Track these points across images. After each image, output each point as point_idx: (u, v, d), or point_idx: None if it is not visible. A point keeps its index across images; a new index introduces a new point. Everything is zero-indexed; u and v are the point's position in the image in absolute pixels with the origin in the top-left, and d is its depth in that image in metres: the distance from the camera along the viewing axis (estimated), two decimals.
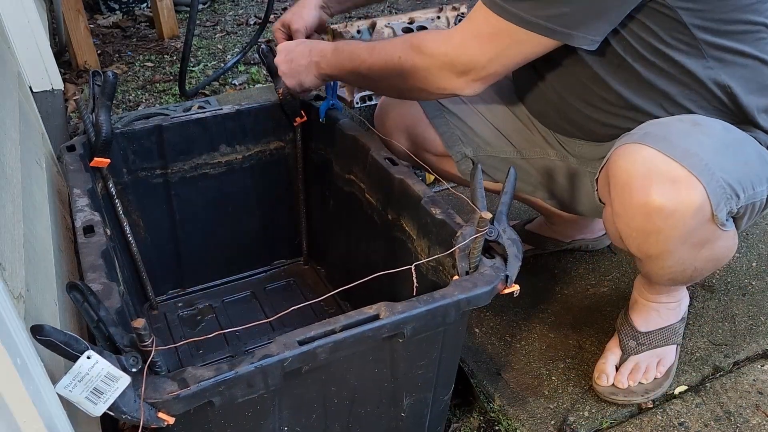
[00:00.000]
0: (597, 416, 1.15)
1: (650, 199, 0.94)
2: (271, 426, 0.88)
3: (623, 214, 1.00)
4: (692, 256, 1.03)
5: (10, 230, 0.87)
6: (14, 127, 1.17)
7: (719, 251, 1.06)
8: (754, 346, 1.27)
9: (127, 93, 2.50)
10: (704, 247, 1.02)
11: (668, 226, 0.95)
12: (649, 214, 0.95)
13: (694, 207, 0.93)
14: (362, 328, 0.82)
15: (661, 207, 0.94)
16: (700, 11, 0.95)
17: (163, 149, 1.31)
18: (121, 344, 0.74)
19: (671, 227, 0.95)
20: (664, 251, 1.01)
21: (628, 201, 0.97)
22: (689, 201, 0.93)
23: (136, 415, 0.71)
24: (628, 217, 0.99)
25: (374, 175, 1.21)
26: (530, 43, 0.98)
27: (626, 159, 0.97)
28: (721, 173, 0.94)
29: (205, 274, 1.47)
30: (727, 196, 0.95)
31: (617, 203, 1.00)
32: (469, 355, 1.28)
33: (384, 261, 1.11)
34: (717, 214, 0.95)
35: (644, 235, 0.99)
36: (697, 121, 1.01)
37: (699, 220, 0.95)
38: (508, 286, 0.92)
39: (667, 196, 0.93)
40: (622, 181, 0.97)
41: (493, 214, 0.93)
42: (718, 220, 0.96)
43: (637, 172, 0.95)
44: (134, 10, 3.37)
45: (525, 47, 0.99)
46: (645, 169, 0.94)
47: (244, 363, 0.76)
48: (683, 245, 0.99)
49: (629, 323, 1.21)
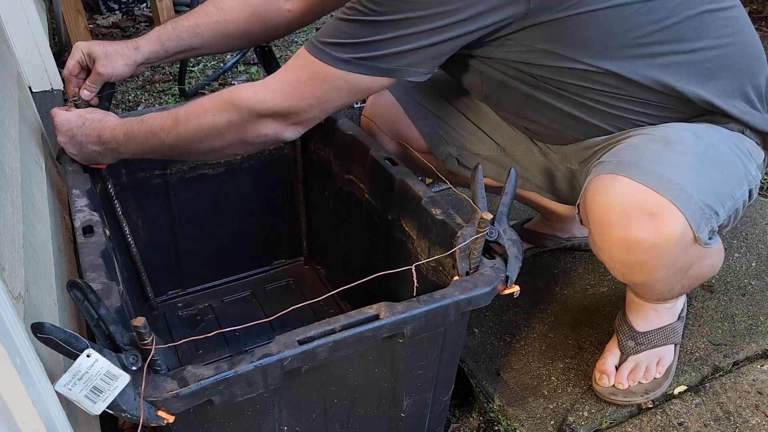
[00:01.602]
0: (596, 416, 1.15)
1: (629, 234, 0.93)
2: (270, 425, 0.88)
3: (604, 248, 0.99)
4: (679, 277, 1.04)
5: (10, 230, 0.87)
6: (14, 127, 1.17)
7: (706, 268, 1.07)
8: (754, 346, 1.27)
9: (127, 93, 2.50)
10: (691, 267, 1.02)
11: (651, 257, 0.95)
12: (630, 247, 0.94)
13: (675, 237, 0.92)
14: (362, 328, 0.82)
15: (641, 241, 0.93)
16: None
17: None
18: (121, 342, 0.74)
19: (654, 258, 0.95)
20: (649, 279, 1.01)
21: (607, 236, 0.97)
22: (669, 231, 0.92)
23: (135, 414, 0.71)
24: (608, 250, 0.99)
25: (374, 176, 1.21)
26: (352, 84, 0.96)
27: (601, 193, 0.96)
28: (698, 195, 0.93)
29: (204, 275, 1.47)
30: (707, 217, 0.95)
31: (597, 237, 0.99)
32: (468, 355, 1.28)
33: (384, 261, 1.11)
34: (699, 236, 0.94)
35: (628, 267, 0.99)
36: (668, 138, 0.99)
37: (682, 246, 0.95)
38: (509, 287, 0.92)
39: (646, 228, 0.92)
40: (599, 216, 0.96)
41: (493, 215, 0.93)
42: (701, 240, 0.95)
43: (613, 207, 0.94)
44: (134, 10, 3.37)
45: (345, 90, 0.98)
46: (621, 203, 0.93)
47: (244, 362, 0.76)
48: (669, 270, 1.00)
49: (627, 323, 1.21)
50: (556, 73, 1.00)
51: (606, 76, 0.98)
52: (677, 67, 0.99)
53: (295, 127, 1.03)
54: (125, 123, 1.09)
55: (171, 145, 1.06)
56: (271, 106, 0.99)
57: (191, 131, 1.04)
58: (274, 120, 1.01)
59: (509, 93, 1.07)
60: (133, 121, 1.08)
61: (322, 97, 0.99)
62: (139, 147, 1.08)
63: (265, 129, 1.02)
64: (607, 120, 1.05)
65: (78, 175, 1.13)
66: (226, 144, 1.05)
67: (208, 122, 1.02)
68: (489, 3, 0.90)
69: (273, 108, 0.99)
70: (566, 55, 0.97)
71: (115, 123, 1.10)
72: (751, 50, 1.05)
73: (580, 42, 0.95)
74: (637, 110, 1.03)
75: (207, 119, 1.02)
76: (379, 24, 0.92)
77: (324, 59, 0.95)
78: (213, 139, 1.04)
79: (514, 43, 0.96)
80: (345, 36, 0.94)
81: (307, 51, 0.97)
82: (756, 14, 2.88)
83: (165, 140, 1.06)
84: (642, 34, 0.96)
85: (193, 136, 1.04)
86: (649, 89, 1.00)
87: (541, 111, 1.07)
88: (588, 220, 0.99)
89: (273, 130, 1.02)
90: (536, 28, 0.94)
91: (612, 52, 0.97)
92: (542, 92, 1.03)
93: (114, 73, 1.20)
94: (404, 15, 0.91)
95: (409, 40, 0.92)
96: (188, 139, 1.05)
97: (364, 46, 0.93)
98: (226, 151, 1.07)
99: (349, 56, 0.94)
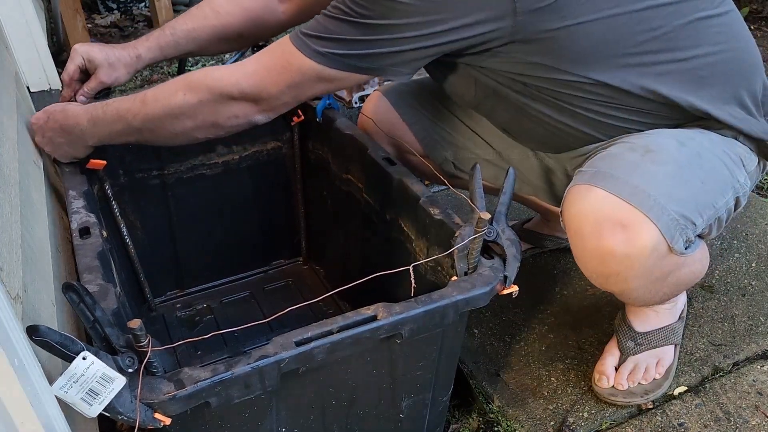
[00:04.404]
0: (596, 417, 1.15)
1: (602, 245, 0.93)
2: (268, 427, 0.88)
3: (581, 258, 0.99)
4: (658, 286, 1.04)
5: (8, 230, 0.86)
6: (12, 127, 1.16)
7: (687, 276, 1.07)
8: (754, 346, 1.27)
9: (125, 93, 2.49)
10: (669, 276, 1.02)
11: (625, 268, 0.95)
12: (604, 258, 0.94)
13: (648, 248, 0.92)
14: (360, 329, 0.82)
15: (613, 252, 0.93)
16: None
17: (159, 150, 1.31)
18: (118, 345, 0.73)
19: (628, 269, 0.95)
20: (626, 289, 1.01)
21: (581, 247, 0.97)
22: (641, 243, 0.92)
23: (132, 416, 0.71)
24: (584, 260, 0.99)
25: (372, 175, 1.21)
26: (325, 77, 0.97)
27: (576, 204, 0.96)
28: (673, 206, 0.93)
29: (203, 275, 1.47)
30: (681, 227, 0.94)
31: (573, 247, 0.99)
32: (468, 355, 1.27)
33: (382, 261, 1.11)
34: (674, 246, 0.94)
35: (603, 277, 0.99)
36: (649, 147, 0.98)
37: (656, 257, 0.94)
38: (507, 287, 0.92)
39: (618, 240, 0.92)
40: (574, 226, 0.96)
41: (492, 215, 0.92)
42: (676, 251, 0.95)
43: (587, 219, 0.94)
44: (132, 9, 3.36)
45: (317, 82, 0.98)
46: (594, 215, 0.93)
47: (241, 363, 0.76)
48: (644, 281, 0.99)
49: (627, 324, 1.21)
50: (547, 83, 0.99)
51: (598, 87, 0.98)
52: (669, 75, 0.98)
53: (266, 112, 1.03)
54: (89, 109, 1.08)
55: (138, 128, 1.05)
56: (244, 88, 0.99)
57: (160, 111, 1.02)
58: (246, 102, 1.01)
59: (501, 101, 1.06)
60: (98, 106, 1.07)
61: (293, 85, 0.99)
62: (106, 131, 1.07)
63: (236, 110, 1.02)
64: (599, 129, 1.04)
65: (75, 176, 1.13)
66: (196, 125, 1.04)
67: (179, 102, 1.01)
68: (474, 16, 0.90)
69: (245, 90, 1.00)
70: (557, 66, 0.96)
71: (78, 110, 1.09)
72: (746, 55, 1.04)
73: (570, 54, 0.95)
74: (630, 118, 1.02)
75: (177, 99, 1.01)
76: (362, 25, 0.92)
77: (302, 49, 0.95)
78: (183, 119, 1.03)
79: (505, 55, 0.96)
80: (326, 31, 0.94)
81: (289, 40, 0.97)
82: (756, 14, 2.88)
83: (132, 122, 1.04)
84: (633, 44, 0.95)
85: (163, 117, 1.03)
86: (642, 98, 0.99)
87: (534, 120, 1.07)
88: (566, 229, 1.00)
89: (243, 112, 1.02)
90: (525, 42, 0.93)
91: (603, 62, 0.96)
92: (534, 101, 1.03)
93: (116, 81, 1.22)
94: (388, 21, 0.90)
95: (391, 43, 0.92)
96: (157, 120, 1.03)
97: (343, 43, 0.93)
98: (196, 134, 1.06)
99: (327, 50, 0.94)
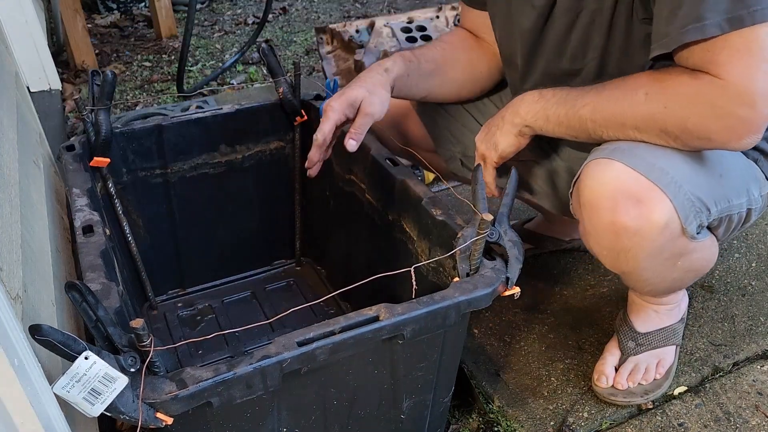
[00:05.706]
0: (596, 417, 1.15)
1: (616, 219, 0.92)
2: (270, 427, 0.88)
3: (593, 233, 0.99)
4: (667, 269, 1.03)
5: (8, 231, 0.86)
6: (12, 127, 1.16)
7: (697, 262, 1.05)
8: (754, 346, 1.27)
9: (125, 93, 2.50)
10: (680, 259, 1.01)
11: (635, 244, 0.94)
12: (617, 233, 0.94)
13: (661, 224, 0.92)
14: (362, 329, 0.82)
15: (627, 226, 0.92)
16: None
17: (162, 149, 1.31)
18: (120, 344, 0.73)
19: (639, 245, 0.95)
20: (636, 268, 1.00)
21: (596, 221, 0.96)
22: (655, 218, 0.91)
23: (134, 416, 0.71)
24: (597, 236, 0.98)
25: (375, 176, 1.21)
26: None
27: (593, 178, 0.95)
28: (689, 187, 0.92)
29: (205, 275, 1.47)
30: (696, 210, 0.94)
31: (586, 222, 0.99)
32: (468, 355, 1.27)
33: (384, 262, 1.11)
34: (687, 227, 0.94)
35: (614, 254, 0.98)
36: None
37: (668, 235, 0.94)
38: (509, 288, 0.92)
39: (633, 214, 0.91)
40: (589, 200, 0.96)
41: (494, 216, 0.92)
42: (688, 233, 0.95)
43: (603, 192, 0.93)
44: (132, 9, 3.36)
45: None
46: (611, 188, 0.92)
47: (243, 364, 0.76)
48: (655, 260, 0.99)
49: (628, 324, 1.21)
50: None
51: None
52: None
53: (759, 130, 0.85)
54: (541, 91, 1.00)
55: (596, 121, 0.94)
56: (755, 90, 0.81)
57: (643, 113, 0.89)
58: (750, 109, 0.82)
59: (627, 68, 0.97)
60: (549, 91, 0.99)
61: None
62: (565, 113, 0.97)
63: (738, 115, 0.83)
64: None
65: (78, 174, 1.13)
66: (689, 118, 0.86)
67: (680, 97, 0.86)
68: None
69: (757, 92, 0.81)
70: None
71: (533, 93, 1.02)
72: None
73: None
74: None
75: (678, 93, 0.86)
76: None
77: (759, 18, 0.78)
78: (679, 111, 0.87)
79: None
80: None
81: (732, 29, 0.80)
82: None
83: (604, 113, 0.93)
84: None
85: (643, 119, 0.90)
86: None
87: None
88: (579, 204, 0.99)
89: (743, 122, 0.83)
90: None
91: None
92: None
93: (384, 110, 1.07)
94: None
95: None
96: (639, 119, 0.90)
97: None
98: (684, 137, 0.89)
99: None
